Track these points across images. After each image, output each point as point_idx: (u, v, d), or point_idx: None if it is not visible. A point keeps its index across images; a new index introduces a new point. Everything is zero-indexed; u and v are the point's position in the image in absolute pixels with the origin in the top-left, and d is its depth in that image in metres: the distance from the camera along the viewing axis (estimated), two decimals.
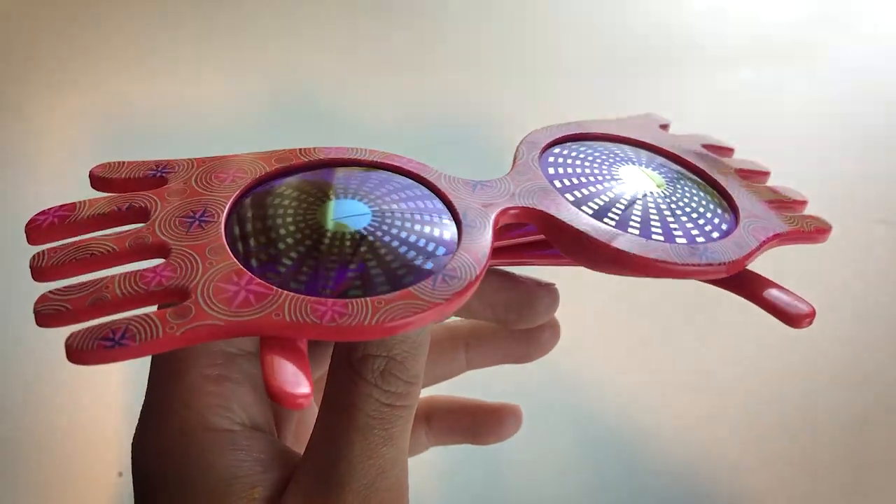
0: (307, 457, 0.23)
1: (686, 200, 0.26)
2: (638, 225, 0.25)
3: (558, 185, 0.25)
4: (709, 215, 0.26)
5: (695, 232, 0.25)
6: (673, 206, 0.26)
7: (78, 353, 0.19)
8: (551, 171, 0.26)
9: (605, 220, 0.24)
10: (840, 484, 0.47)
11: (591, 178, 0.26)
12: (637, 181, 0.26)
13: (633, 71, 0.66)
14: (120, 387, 0.45)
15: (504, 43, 0.72)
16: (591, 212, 0.24)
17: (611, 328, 0.48)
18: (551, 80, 0.68)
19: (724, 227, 0.25)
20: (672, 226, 0.25)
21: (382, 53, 0.70)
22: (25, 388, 0.48)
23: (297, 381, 0.19)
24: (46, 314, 0.20)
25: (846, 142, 0.58)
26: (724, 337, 0.24)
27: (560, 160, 0.27)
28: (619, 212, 0.25)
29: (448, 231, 0.23)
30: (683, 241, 0.24)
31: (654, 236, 0.24)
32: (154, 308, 0.20)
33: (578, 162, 0.27)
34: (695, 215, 0.26)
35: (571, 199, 0.25)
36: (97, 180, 0.24)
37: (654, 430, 0.49)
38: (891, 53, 0.67)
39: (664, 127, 0.30)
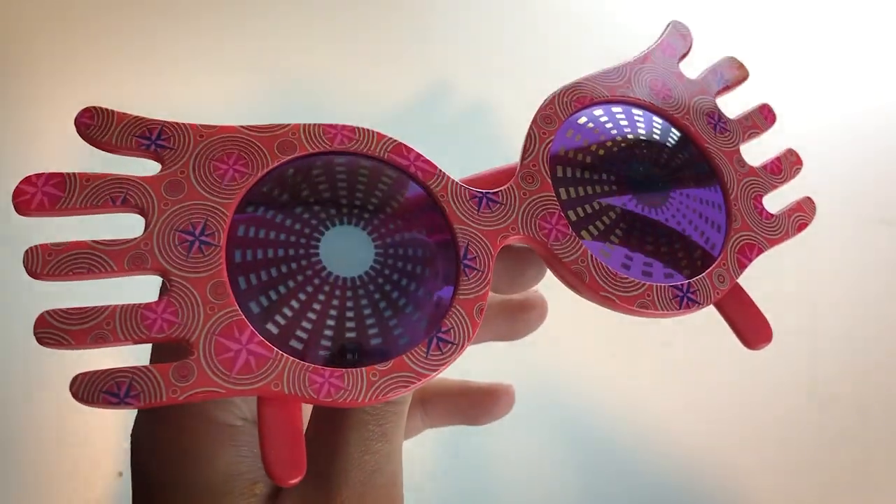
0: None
1: (684, 220, 0.26)
2: (630, 261, 0.25)
3: (564, 196, 0.25)
4: (701, 236, 0.26)
5: (684, 263, 0.26)
6: (671, 230, 0.26)
7: (83, 400, 0.20)
8: (559, 173, 0.25)
9: (602, 250, 0.25)
10: (838, 484, 0.48)
11: (596, 189, 0.26)
12: (640, 195, 0.26)
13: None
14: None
15: (500, 33, 0.66)
16: (589, 238, 0.25)
17: (602, 323, 0.45)
18: (545, 68, 0.63)
19: (713, 248, 0.26)
20: (664, 258, 0.25)
21: (376, 43, 0.64)
22: (25, 388, 0.48)
23: (292, 461, 0.21)
24: (47, 340, 0.20)
25: (846, 141, 0.53)
26: (720, 334, 0.25)
27: (569, 155, 0.26)
28: (616, 240, 0.25)
29: (447, 274, 0.23)
30: (671, 277, 0.25)
31: (642, 274, 0.25)
32: None
33: (588, 160, 0.26)
34: (689, 240, 0.26)
35: (574, 217, 0.25)
36: (84, 135, 0.22)
37: (649, 428, 0.49)
38: (890, 53, 0.64)
39: (683, 55, 0.28)
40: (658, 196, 0.26)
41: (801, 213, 0.28)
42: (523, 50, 0.64)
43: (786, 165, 0.29)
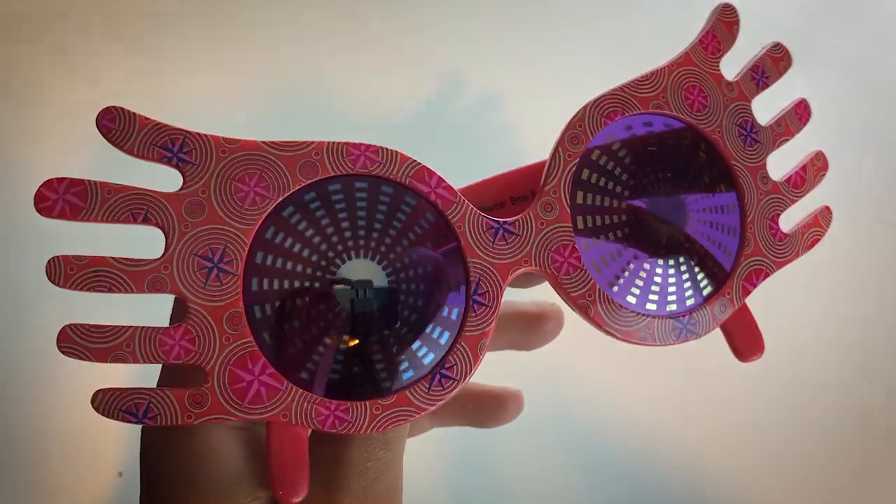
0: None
1: (697, 247, 0.26)
2: (637, 293, 0.26)
3: (580, 225, 0.25)
4: (712, 264, 0.26)
5: (690, 292, 0.26)
6: (682, 259, 0.26)
7: (103, 414, 0.22)
8: (580, 199, 0.25)
9: (610, 282, 0.25)
10: (839, 486, 0.48)
11: (614, 219, 0.26)
12: (656, 223, 0.26)
13: (633, 68, 0.53)
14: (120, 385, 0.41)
15: (508, 27, 0.61)
16: (599, 270, 0.25)
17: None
18: (548, 70, 0.59)
19: (721, 276, 0.27)
20: (670, 289, 0.26)
21: (382, 39, 0.60)
22: (25, 389, 0.47)
23: (295, 482, 0.23)
24: (69, 353, 0.22)
25: (846, 141, 0.48)
26: (721, 338, 0.26)
27: (592, 180, 0.25)
28: (627, 273, 0.26)
29: (455, 310, 0.24)
30: (674, 307, 0.26)
31: (647, 305, 0.26)
32: None
33: (610, 186, 0.26)
34: (699, 268, 0.26)
35: (587, 248, 0.25)
36: (108, 139, 0.23)
37: (653, 434, 0.48)
38: (891, 52, 0.61)
39: (726, 49, 0.28)
40: (675, 223, 0.26)
41: (816, 228, 0.28)
42: (532, 44, 0.61)
43: (810, 175, 0.28)
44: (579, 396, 0.49)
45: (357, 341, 0.23)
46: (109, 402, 0.22)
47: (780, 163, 0.28)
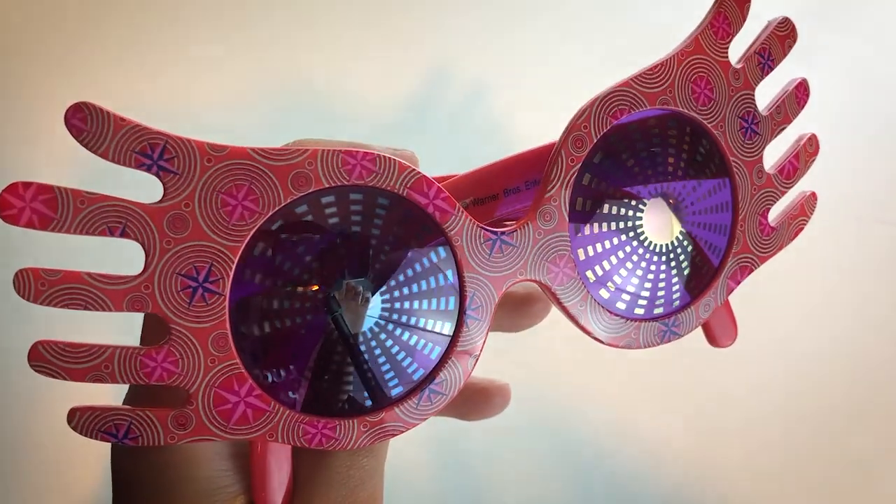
0: (292, 465, 0.24)
1: (688, 249, 0.26)
2: (628, 298, 0.25)
3: (578, 233, 0.24)
4: (700, 265, 0.26)
5: (677, 294, 0.26)
6: (674, 262, 0.26)
7: (81, 433, 0.22)
8: (579, 206, 0.24)
9: (603, 290, 0.25)
10: (835, 486, 0.48)
11: (611, 226, 0.25)
12: (652, 227, 0.26)
13: (632, 68, 0.50)
14: (121, 387, 0.36)
15: (501, 34, 0.59)
16: (593, 279, 0.25)
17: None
18: (547, 69, 0.57)
19: (708, 275, 0.26)
20: (659, 293, 0.26)
21: (373, 33, 0.58)
22: (24, 389, 0.45)
23: (277, 493, 0.23)
24: (41, 371, 0.21)
25: (846, 141, 0.45)
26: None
27: (592, 185, 0.25)
28: (619, 280, 0.25)
29: (448, 325, 0.23)
30: (661, 310, 0.26)
31: (636, 310, 0.26)
32: None
33: (609, 190, 0.25)
34: (686, 270, 0.26)
35: (583, 257, 0.25)
36: (80, 141, 0.21)
37: (645, 435, 0.48)
38: (891, 53, 0.60)
39: (735, 33, 0.26)
40: (670, 226, 0.26)
41: (802, 217, 0.28)
42: (524, 34, 0.58)
43: (802, 161, 0.28)
44: (571, 397, 0.49)
45: (346, 360, 0.22)
46: (88, 422, 0.21)
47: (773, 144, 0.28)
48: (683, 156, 0.25)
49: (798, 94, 0.27)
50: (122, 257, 0.23)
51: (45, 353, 0.20)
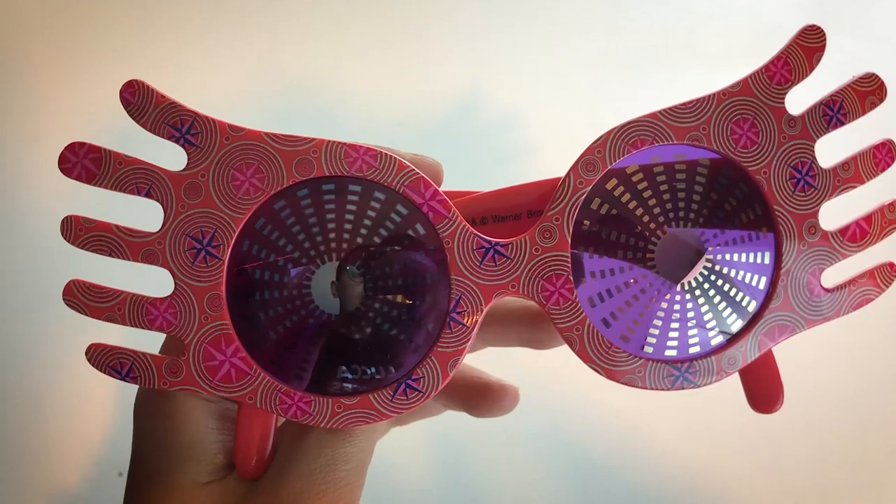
0: (275, 438, 0.25)
1: (713, 295, 0.25)
2: (632, 334, 0.25)
3: (580, 257, 0.24)
4: (727, 314, 0.25)
5: (694, 340, 0.25)
6: (692, 305, 0.25)
7: (94, 366, 0.24)
8: (585, 227, 0.24)
9: (605, 319, 0.25)
10: (841, 491, 0.46)
11: (619, 255, 0.25)
12: (669, 265, 0.25)
13: (633, 69, 0.58)
14: (120, 387, 0.40)
15: (503, 34, 0.59)
16: (593, 306, 0.24)
17: None
18: (549, 75, 0.57)
19: (734, 327, 0.25)
20: (671, 334, 0.25)
21: (403, 48, 0.58)
22: (25, 389, 0.47)
23: (257, 461, 0.25)
24: (71, 306, 0.24)
25: (845, 141, 0.40)
26: None
27: (602, 211, 0.24)
28: (624, 311, 0.25)
29: (432, 324, 0.24)
30: (674, 352, 0.25)
31: (645, 347, 0.25)
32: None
33: (622, 217, 0.25)
34: (708, 316, 0.25)
35: (584, 281, 0.24)
36: (127, 111, 0.24)
37: (648, 438, 0.47)
38: (892, 53, 0.59)
39: (798, 80, 0.25)
40: (690, 266, 0.25)
41: (871, 288, 0.26)
42: (557, 57, 0.58)
43: (876, 227, 0.26)
44: (573, 400, 0.49)
45: (328, 340, 0.24)
46: (99, 356, 0.24)
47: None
48: (713, 196, 0.25)
49: (878, 155, 0.26)
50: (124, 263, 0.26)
51: (75, 289, 0.23)
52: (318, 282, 0.24)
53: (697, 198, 0.25)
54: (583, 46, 0.57)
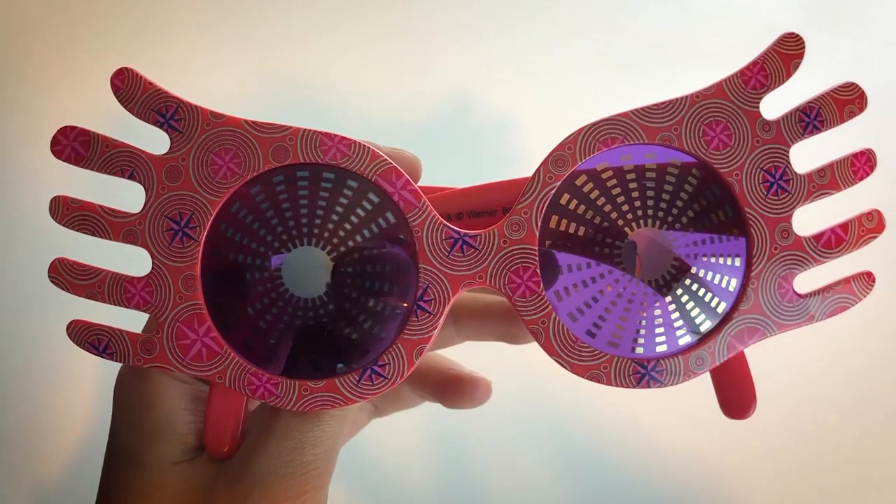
0: (245, 421, 0.26)
1: (680, 294, 0.25)
2: (598, 330, 0.25)
3: (548, 251, 0.25)
4: (695, 314, 0.25)
5: (660, 339, 0.25)
6: (660, 303, 0.25)
7: (73, 341, 0.25)
8: (553, 224, 0.25)
9: (571, 314, 0.25)
10: (841, 489, 0.46)
11: (588, 251, 0.25)
12: (638, 261, 0.25)
13: (633, 69, 0.58)
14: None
15: (502, 34, 0.59)
16: (560, 299, 0.25)
17: None
18: (548, 75, 0.57)
19: (703, 327, 0.25)
20: (640, 331, 0.25)
21: (398, 49, 0.58)
22: (25, 390, 0.47)
23: (226, 441, 0.25)
24: (55, 282, 0.24)
25: (845, 141, 0.39)
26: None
27: (570, 206, 0.25)
28: (590, 307, 0.25)
29: (399, 311, 0.24)
30: (641, 350, 0.25)
31: (608, 344, 0.25)
32: None
33: (590, 215, 0.25)
34: (675, 315, 0.25)
35: (551, 275, 0.25)
36: (116, 97, 0.25)
37: (644, 434, 0.47)
38: (891, 53, 0.58)
39: (774, 86, 0.25)
40: (658, 264, 0.25)
41: (845, 296, 0.26)
42: (557, 57, 0.58)
43: (853, 235, 0.26)
44: (573, 400, 0.48)
45: (297, 324, 0.24)
46: (79, 333, 0.24)
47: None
48: (683, 196, 0.25)
49: (856, 163, 0.26)
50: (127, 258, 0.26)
51: (59, 267, 0.24)
52: (290, 266, 0.24)
53: (667, 197, 0.25)
54: (583, 46, 0.57)
